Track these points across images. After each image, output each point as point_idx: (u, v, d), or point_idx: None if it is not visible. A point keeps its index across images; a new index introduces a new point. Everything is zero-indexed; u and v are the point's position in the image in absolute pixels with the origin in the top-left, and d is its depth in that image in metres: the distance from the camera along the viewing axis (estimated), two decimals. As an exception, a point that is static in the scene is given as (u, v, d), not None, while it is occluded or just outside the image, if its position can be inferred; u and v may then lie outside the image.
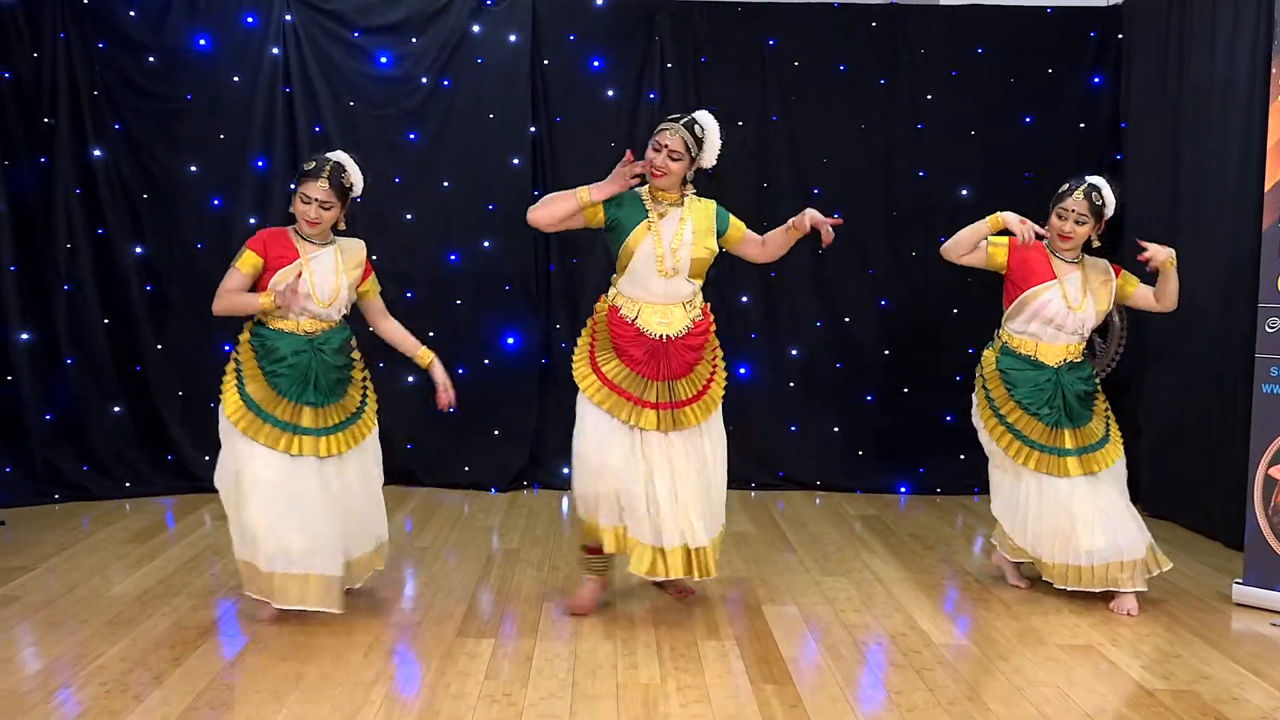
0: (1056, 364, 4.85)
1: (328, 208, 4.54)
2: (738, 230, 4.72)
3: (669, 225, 4.52)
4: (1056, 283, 4.82)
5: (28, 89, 6.60)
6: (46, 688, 3.78)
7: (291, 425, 4.45)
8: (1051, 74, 7.08)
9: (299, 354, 4.48)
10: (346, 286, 4.59)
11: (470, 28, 7.02)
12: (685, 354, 4.56)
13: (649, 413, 4.50)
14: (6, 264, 6.53)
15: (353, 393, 4.65)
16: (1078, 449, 4.81)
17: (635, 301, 4.56)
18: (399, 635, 4.35)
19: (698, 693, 3.79)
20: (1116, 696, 3.80)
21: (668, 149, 4.48)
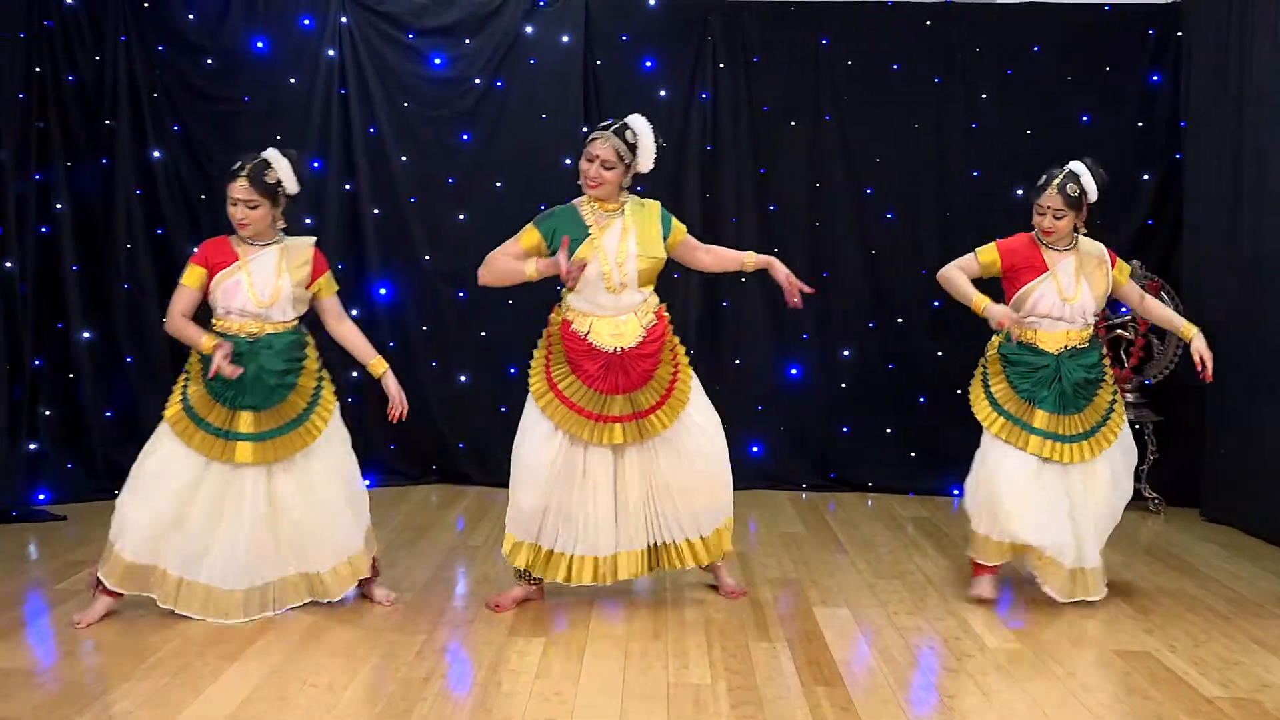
0: (1058, 351, 4.79)
1: (253, 207, 4.47)
2: (679, 234, 4.65)
3: (612, 239, 4.46)
4: (1049, 275, 4.77)
5: (90, 91, 6.72)
6: (106, 679, 3.84)
7: (224, 431, 4.43)
8: (1109, 72, 6.99)
9: (237, 356, 4.42)
10: (290, 286, 4.50)
11: (523, 29, 7.05)
12: (641, 363, 4.51)
13: (614, 428, 4.50)
14: (68, 264, 6.65)
15: (295, 399, 4.52)
16: (1060, 434, 4.75)
17: (586, 315, 4.52)
18: (451, 633, 4.38)
19: (748, 694, 3.78)
20: (1175, 704, 3.74)
21: (600, 159, 4.43)
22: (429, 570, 5.24)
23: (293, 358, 4.54)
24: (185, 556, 4.41)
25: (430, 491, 7.05)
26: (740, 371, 7.23)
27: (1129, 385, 6.66)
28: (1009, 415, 4.80)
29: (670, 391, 4.58)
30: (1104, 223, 6.95)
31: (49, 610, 4.56)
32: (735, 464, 7.02)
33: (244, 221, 4.48)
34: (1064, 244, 4.83)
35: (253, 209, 4.48)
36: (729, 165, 7.14)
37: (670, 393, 4.57)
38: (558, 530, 4.54)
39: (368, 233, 7.11)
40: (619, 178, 4.48)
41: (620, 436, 4.51)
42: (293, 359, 4.54)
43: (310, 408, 4.55)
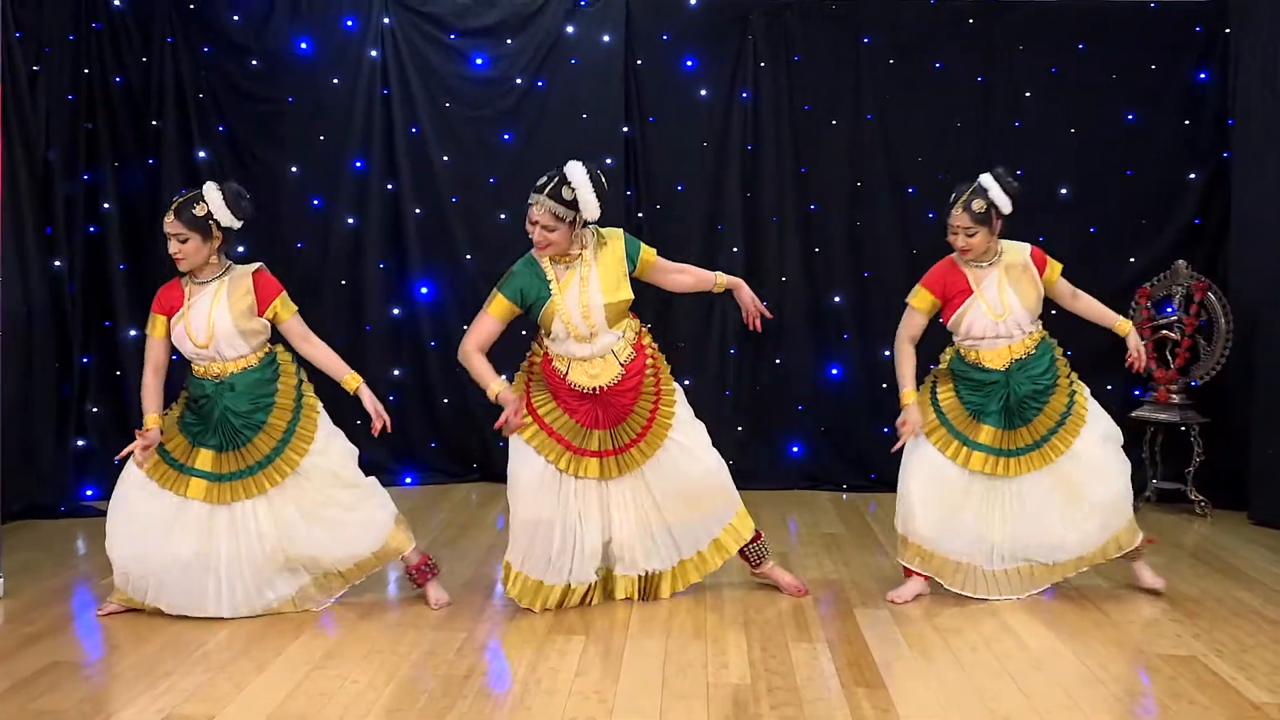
0: (1004, 366, 4.75)
1: (183, 240, 4.40)
2: (648, 259, 4.61)
3: (572, 294, 4.43)
4: (975, 296, 4.73)
5: (137, 93, 6.80)
6: (153, 673, 3.89)
7: (180, 464, 4.43)
8: (1155, 70, 6.91)
9: (205, 398, 4.44)
10: (229, 320, 4.42)
11: (564, 28, 7.07)
12: (621, 398, 4.52)
13: (590, 461, 4.51)
14: (115, 263, 6.73)
15: (261, 441, 4.46)
16: (1006, 449, 4.74)
17: (564, 357, 4.52)
18: (491, 631, 4.39)
19: (788, 695, 3.76)
20: (1221, 709, 3.68)
21: (539, 224, 4.39)
22: (470, 568, 5.26)
23: (259, 396, 4.48)
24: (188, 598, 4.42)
25: (471, 490, 7.08)
26: (780, 372, 7.21)
27: (1174, 386, 6.59)
28: (951, 428, 4.78)
29: (649, 425, 4.58)
30: (1149, 222, 6.93)
31: (96, 604, 4.62)
32: (775, 464, 7.18)
33: (177, 256, 4.45)
34: (985, 259, 4.78)
35: (183, 243, 4.42)
36: (770, 164, 7.12)
37: (649, 426, 4.58)
38: (551, 558, 4.53)
39: (409, 232, 7.14)
40: (566, 235, 4.42)
41: (597, 471, 4.53)
42: (259, 397, 4.48)
43: (280, 447, 4.48)
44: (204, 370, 4.48)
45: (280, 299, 4.52)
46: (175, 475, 4.43)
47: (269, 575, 4.49)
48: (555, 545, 4.51)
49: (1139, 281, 6.84)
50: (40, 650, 4.10)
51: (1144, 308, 6.76)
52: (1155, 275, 6.81)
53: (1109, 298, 6.48)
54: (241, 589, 4.45)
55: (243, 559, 4.44)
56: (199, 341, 4.42)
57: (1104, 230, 6.96)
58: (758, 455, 7.19)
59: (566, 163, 4.47)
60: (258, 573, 4.46)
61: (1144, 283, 6.81)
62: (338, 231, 7.10)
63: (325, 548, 4.51)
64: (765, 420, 7.23)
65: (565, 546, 4.53)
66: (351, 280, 7.14)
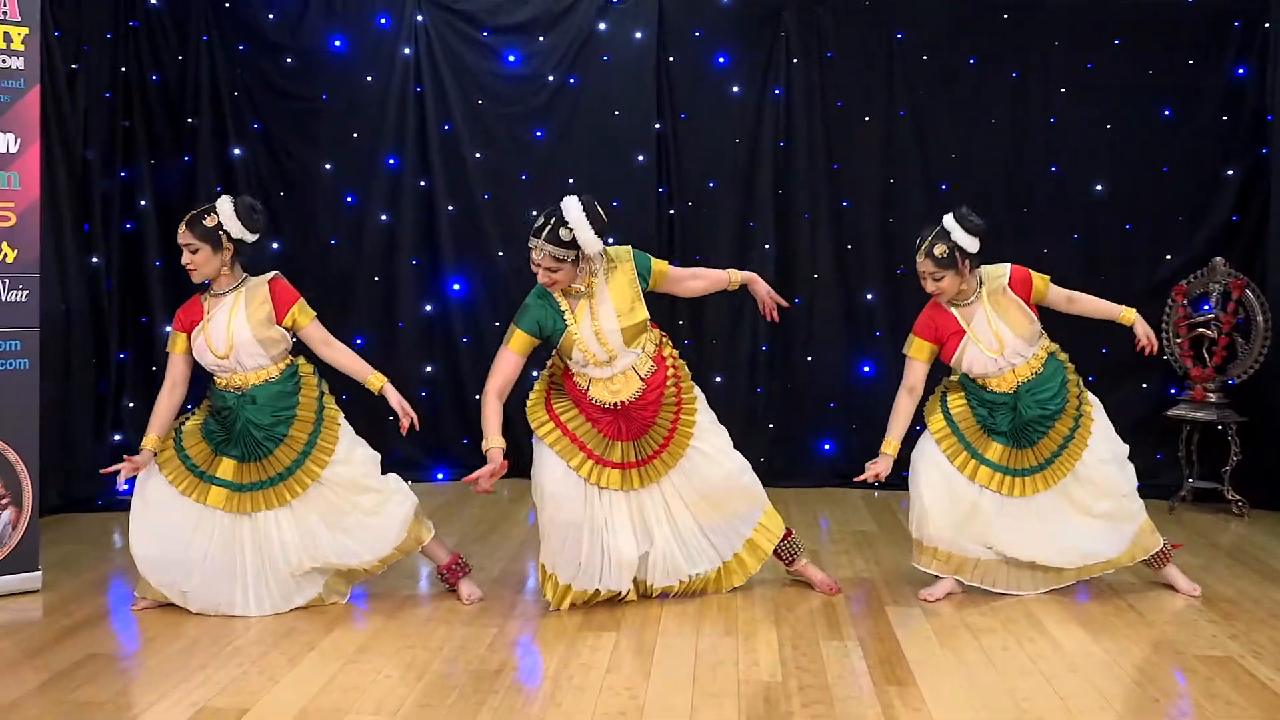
0: (1013, 389, 4.73)
1: (194, 251, 4.45)
2: (661, 271, 4.58)
3: (586, 325, 4.43)
4: (967, 337, 4.71)
5: (173, 90, 6.86)
6: (188, 666, 3.92)
7: (202, 471, 4.45)
8: (1192, 65, 6.84)
9: (226, 409, 4.46)
10: (247, 331, 4.44)
11: (597, 25, 7.07)
12: (643, 412, 4.51)
13: (612, 473, 4.51)
14: (152, 260, 6.80)
15: (282, 453, 4.46)
16: (1013, 469, 4.73)
17: (585, 376, 4.52)
18: (523, 627, 4.40)
19: (819, 693, 3.75)
20: (1258, 710, 3.64)
21: (542, 267, 4.38)
22: (500, 564, 5.28)
23: (280, 409, 4.49)
24: (214, 602, 4.46)
25: (502, 486, 7.02)
26: (812, 369, 7.19)
27: (1211, 384, 6.53)
28: (961, 438, 4.77)
29: (671, 436, 4.57)
30: (1186, 219, 6.86)
31: (132, 598, 4.66)
32: (806, 462, 7.16)
33: (189, 266, 4.50)
34: (964, 299, 4.75)
35: (194, 253, 4.47)
36: (802, 161, 7.10)
37: (671, 437, 4.57)
38: (581, 563, 4.51)
39: (442, 229, 7.17)
40: (570, 272, 4.39)
41: (618, 483, 4.52)
42: (280, 409, 4.49)
43: (300, 460, 4.48)
44: (225, 382, 4.50)
45: (298, 305, 4.53)
46: (196, 482, 4.45)
47: (295, 583, 4.53)
48: (584, 549, 4.50)
49: (1175, 279, 6.78)
50: (78, 642, 4.15)
51: (1180, 305, 6.70)
52: (1192, 273, 6.74)
53: (1145, 295, 6.48)
54: (268, 596, 4.48)
55: (267, 569, 4.47)
56: (219, 352, 4.44)
57: (1140, 227, 6.90)
58: (789, 453, 7.18)
59: (562, 199, 4.42)
60: (283, 582, 4.50)
61: (1180, 280, 6.75)
62: (371, 228, 7.14)
63: (352, 552, 4.53)
64: (797, 418, 7.21)
65: (594, 551, 4.51)
66: (384, 277, 7.17)
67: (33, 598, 4.67)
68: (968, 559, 4.76)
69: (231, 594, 4.44)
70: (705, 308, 7.07)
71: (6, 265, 4.70)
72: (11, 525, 4.70)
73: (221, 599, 4.44)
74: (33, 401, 4.77)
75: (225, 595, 4.44)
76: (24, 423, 4.74)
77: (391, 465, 4.83)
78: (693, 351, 7.10)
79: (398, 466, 5.06)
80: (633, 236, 7.05)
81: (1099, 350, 6.51)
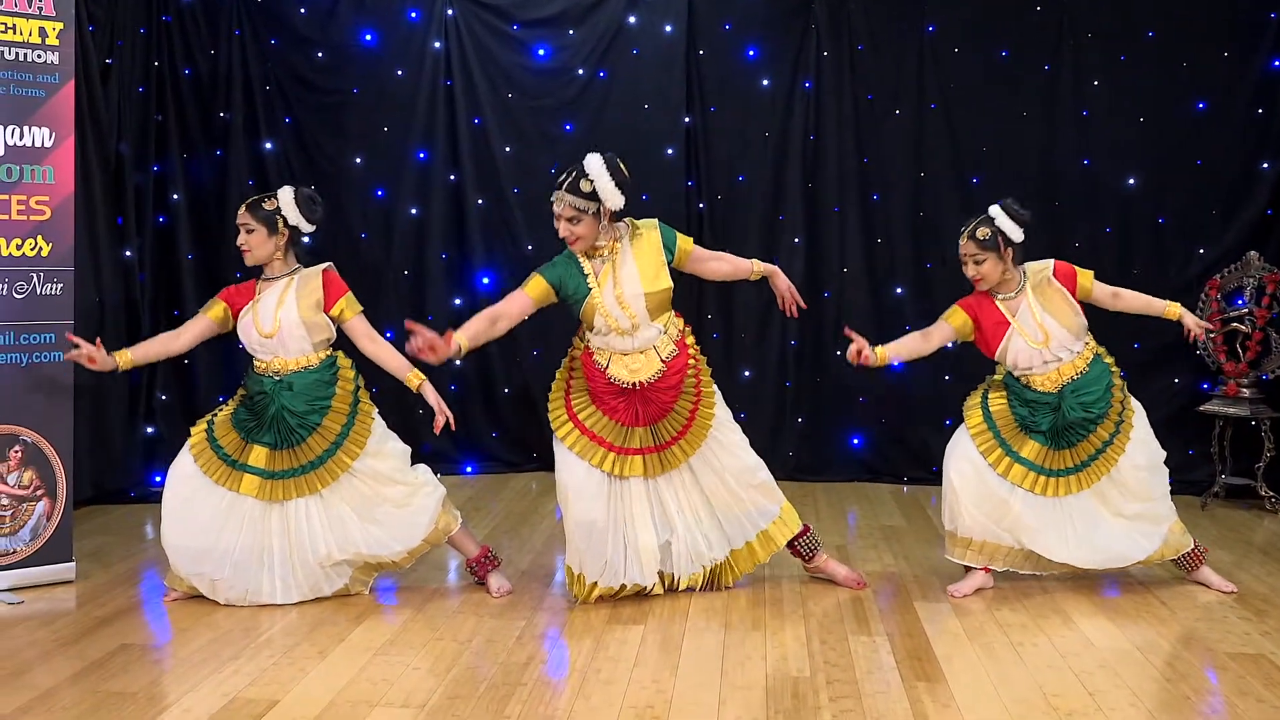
0: (1057, 389, 4.70)
1: (249, 231, 4.53)
2: (686, 248, 4.57)
3: (609, 290, 4.43)
4: (1012, 329, 4.68)
5: (205, 84, 6.91)
6: (219, 657, 3.96)
7: (234, 460, 4.48)
8: (1227, 58, 6.75)
9: (262, 394, 4.49)
10: (295, 315, 4.49)
11: (626, 19, 7.07)
12: (662, 395, 4.50)
13: (634, 460, 4.50)
14: (184, 253, 6.85)
15: (314, 441, 4.50)
16: (1048, 469, 4.69)
17: (606, 351, 4.51)
18: (551, 620, 4.41)
19: (848, 688, 3.75)
20: (1290, 709, 3.62)
21: (563, 218, 4.40)
22: (529, 557, 5.30)
23: (316, 398, 4.52)
24: (242, 590, 4.49)
25: (531, 479, 7.12)
26: (841, 363, 7.12)
27: (1245, 380, 6.47)
28: (998, 435, 4.73)
29: (690, 423, 4.56)
30: (1219, 212, 6.79)
31: (165, 589, 4.70)
32: (835, 457, 7.15)
33: (244, 247, 4.56)
34: (1007, 290, 4.74)
35: (249, 233, 4.54)
36: (831, 154, 7.07)
37: (690, 425, 4.56)
38: (607, 559, 4.51)
39: (472, 222, 7.19)
40: (592, 227, 4.42)
41: (641, 469, 4.52)
42: (316, 398, 4.52)
43: (332, 449, 4.52)
44: (265, 367, 4.53)
45: (346, 298, 4.59)
46: (229, 471, 4.49)
47: (324, 573, 4.56)
48: (609, 547, 4.51)
49: (1209, 273, 6.71)
50: (111, 633, 4.19)
51: (1214, 300, 6.63)
52: (1226, 267, 6.67)
53: (1178, 290, 6.43)
54: (296, 587, 4.52)
55: (295, 559, 4.51)
56: (264, 331, 4.48)
57: (1173, 221, 6.84)
58: (818, 447, 7.16)
59: None
60: (311, 573, 4.53)
61: (1214, 274, 6.68)
62: (401, 222, 7.17)
63: (382, 544, 4.56)
64: (826, 412, 7.19)
65: (618, 547, 4.52)
66: (414, 271, 7.20)
67: (67, 588, 4.72)
68: (1000, 546, 4.74)
69: (259, 582, 4.48)
70: (734, 303, 7.06)
71: (41, 259, 4.74)
72: (46, 516, 4.75)
73: (250, 586, 4.47)
74: (67, 394, 4.81)
75: (254, 584, 4.48)
76: (58, 415, 4.79)
77: (420, 458, 4.85)
78: (721, 346, 7.09)
79: (427, 459, 5.08)
80: (662, 230, 7.08)
81: (1130, 345, 6.47)
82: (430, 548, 4.70)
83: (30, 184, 4.72)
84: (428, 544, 4.66)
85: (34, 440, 4.72)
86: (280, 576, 4.49)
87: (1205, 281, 6.69)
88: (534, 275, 4.51)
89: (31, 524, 4.72)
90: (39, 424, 4.73)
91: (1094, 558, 4.70)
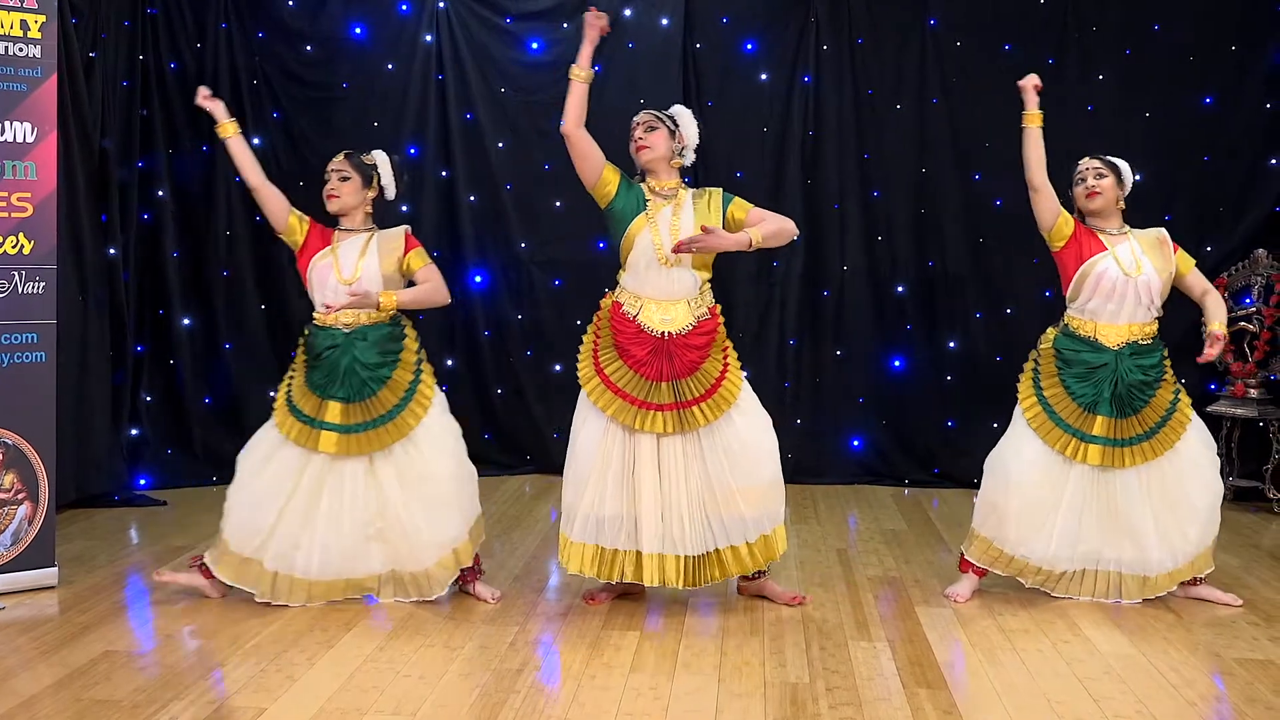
0: (1117, 346, 4.61)
1: (344, 178, 4.60)
2: (737, 215, 4.53)
3: (665, 219, 4.45)
4: (1108, 254, 4.63)
5: (191, 79, 6.78)
6: (205, 665, 3.89)
7: (312, 419, 4.47)
8: (1234, 51, 6.71)
9: (332, 348, 4.49)
10: (376, 266, 4.55)
11: (622, 12, 6.98)
12: (689, 353, 4.44)
13: (655, 415, 4.42)
14: (169, 251, 6.76)
15: (386, 394, 4.52)
16: (1119, 439, 4.59)
17: (638, 297, 4.48)
18: (545, 626, 4.35)
19: (847, 694, 3.69)
20: (1303, 717, 3.55)
21: (642, 123, 4.54)
22: (522, 562, 5.23)
23: (387, 350, 4.55)
24: (280, 550, 4.45)
25: (524, 481, 7.05)
26: (842, 363, 7.11)
27: (1253, 380, 6.42)
28: (1063, 423, 4.64)
29: (716, 386, 4.49)
30: (1227, 209, 6.73)
31: (150, 594, 4.64)
32: (835, 458, 7.07)
33: (333, 193, 4.60)
34: (1114, 224, 4.72)
35: (343, 180, 4.61)
36: (831, 150, 7.01)
37: (716, 388, 4.49)
38: (604, 524, 4.45)
39: (464, 220, 7.12)
40: (665, 142, 4.51)
41: (663, 425, 4.43)
42: (387, 351, 4.55)
43: (403, 403, 4.54)
44: (333, 319, 4.53)
45: (415, 251, 4.66)
46: (307, 430, 4.48)
47: (359, 543, 4.48)
48: (608, 508, 4.43)
49: (1217, 271, 6.65)
50: (94, 640, 4.12)
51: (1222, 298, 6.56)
52: (1233, 265, 6.65)
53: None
54: (330, 561, 4.45)
55: (341, 519, 4.46)
56: (345, 278, 4.51)
57: (1180, 218, 6.75)
58: (818, 449, 7.09)
59: None
60: (345, 545, 4.46)
61: (1222, 272, 6.64)
62: (390, 219, 7.03)
63: (415, 525, 4.47)
64: (825, 413, 7.12)
65: (618, 511, 4.44)
66: (406, 268, 7.11)
67: (49, 594, 4.64)
68: (1029, 564, 4.66)
69: (298, 539, 4.44)
70: (734, 302, 6.98)
71: (24, 256, 4.66)
72: (27, 520, 4.67)
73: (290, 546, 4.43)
74: (49, 394, 4.74)
75: (293, 541, 4.43)
76: (40, 416, 4.71)
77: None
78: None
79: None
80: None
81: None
82: (451, 577, 4.57)
83: (12, 180, 4.63)
84: (455, 561, 4.55)
85: (15, 442, 4.64)
86: (320, 542, 4.43)
87: (1213, 280, 6.61)
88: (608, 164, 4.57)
89: (13, 528, 4.64)
90: (20, 426, 4.65)
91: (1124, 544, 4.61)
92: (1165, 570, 4.62)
